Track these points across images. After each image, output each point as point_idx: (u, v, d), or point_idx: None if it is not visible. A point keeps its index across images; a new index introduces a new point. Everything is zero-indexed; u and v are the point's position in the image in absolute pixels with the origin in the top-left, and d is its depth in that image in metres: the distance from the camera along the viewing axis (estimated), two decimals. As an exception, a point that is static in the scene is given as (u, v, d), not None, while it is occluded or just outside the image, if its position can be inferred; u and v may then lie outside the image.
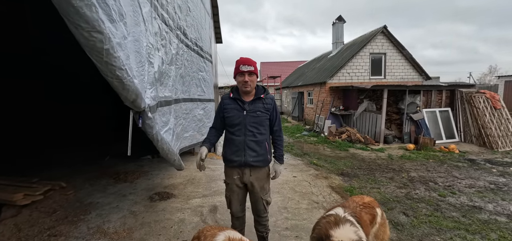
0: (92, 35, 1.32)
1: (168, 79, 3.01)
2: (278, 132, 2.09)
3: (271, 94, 2.04)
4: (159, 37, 2.36)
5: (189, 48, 3.78)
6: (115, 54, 1.48)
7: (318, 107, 10.98)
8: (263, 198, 2.04)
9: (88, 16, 1.24)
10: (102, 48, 1.40)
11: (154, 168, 4.87)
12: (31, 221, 2.91)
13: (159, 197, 3.54)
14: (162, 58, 2.46)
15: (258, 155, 1.95)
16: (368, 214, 1.67)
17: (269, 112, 2.00)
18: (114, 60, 1.50)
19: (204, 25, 4.85)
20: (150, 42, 2.09)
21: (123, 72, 1.64)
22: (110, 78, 1.64)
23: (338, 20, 13.18)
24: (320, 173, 5.05)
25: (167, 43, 2.69)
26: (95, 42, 1.35)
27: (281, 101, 18.67)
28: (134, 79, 1.79)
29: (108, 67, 1.50)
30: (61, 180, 3.88)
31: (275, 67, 30.67)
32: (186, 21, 3.53)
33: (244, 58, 1.94)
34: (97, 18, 1.29)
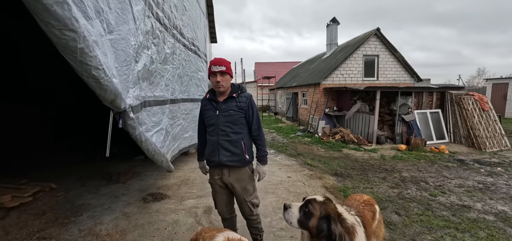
0: (64, 33, 1.26)
1: (160, 79, 2.98)
2: (257, 131, 1.99)
3: (247, 93, 1.99)
4: (150, 36, 2.33)
5: (186, 48, 3.75)
6: (90, 53, 1.43)
7: (312, 108, 11.06)
8: (246, 199, 1.99)
9: (59, 14, 1.19)
10: (75, 47, 1.35)
11: (147, 169, 4.81)
12: (20, 224, 2.83)
13: (152, 198, 3.49)
14: (151, 57, 2.43)
15: (233, 155, 1.90)
16: (370, 211, 1.69)
17: (243, 111, 1.92)
18: (89, 59, 1.45)
19: (200, 25, 4.83)
20: (139, 41, 2.05)
21: (100, 72, 1.60)
22: (86, 78, 1.59)
23: (332, 22, 13.32)
24: (314, 173, 5.09)
25: (161, 42, 2.66)
26: (68, 40, 1.29)
27: (276, 101, 18.72)
28: (113, 78, 1.75)
29: (83, 67, 1.45)
30: (51, 181, 3.79)
31: (269, 68, 30.75)
32: (182, 20, 3.51)
33: (217, 59, 1.90)
34: (69, 16, 1.24)
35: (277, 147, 7.71)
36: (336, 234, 1.23)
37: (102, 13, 1.57)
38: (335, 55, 12.40)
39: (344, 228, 1.27)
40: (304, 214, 1.36)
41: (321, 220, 1.30)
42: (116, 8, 1.69)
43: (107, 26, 1.62)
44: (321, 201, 1.36)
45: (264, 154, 2.02)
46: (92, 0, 1.44)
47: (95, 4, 1.48)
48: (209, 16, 7.37)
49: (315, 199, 1.37)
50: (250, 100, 1.97)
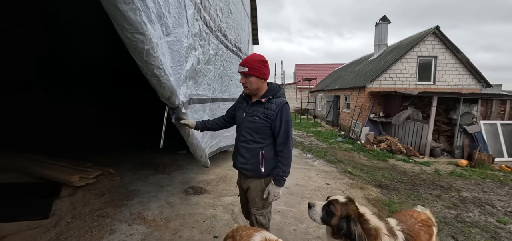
0: (135, 36, 1.42)
1: (204, 78, 3.13)
2: (282, 146, 1.68)
3: (281, 99, 1.72)
4: (198, 38, 2.46)
5: (228, 49, 3.88)
6: (154, 54, 1.59)
7: (356, 113, 10.43)
8: (252, 212, 1.83)
9: (132, 19, 1.34)
10: (143, 48, 1.50)
11: (189, 163, 5.12)
12: (84, 201, 3.28)
13: (193, 191, 3.70)
14: (198, 57, 2.57)
15: (247, 163, 1.77)
16: (426, 233, 1.52)
17: (269, 120, 1.68)
18: (153, 59, 1.61)
19: (244, 27, 4.95)
20: (189, 43, 2.19)
21: (160, 71, 1.75)
22: (149, 76, 1.75)
23: (382, 20, 12.35)
24: (355, 182, 4.78)
25: (206, 44, 2.80)
26: (137, 42, 1.45)
27: (315, 104, 18.17)
28: (170, 77, 1.91)
29: (147, 66, 1.61)
30: (110, 166, 4.29)
31: (309, 70, 30.02)
32: (227, 23, 3.64)
33: (245, 58, 1.75)
34: (140, 20, 1.39)
35: (316, 152, 7.46)
36: (356, 234, 1.28)
37: (163, 17, 1.74)
38: (384, 57, 11.48)
39: (365, 229, 1.29)
40: (326, 213, 1.43)
41: (342, 219, 1.36)
42: (174, 12, 1.84)
43: (165, 29, 1.78)
44: (343, 201, 1.42)
45: (282, 174, 1.69)
46: (156, 6, 1.59)
47: (158, 10, 1.64)
48: (252, 19, 7.50)
49: (337, 200, 1.44)
50: (281, 109, 1.68)
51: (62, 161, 4.04)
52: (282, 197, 3.75)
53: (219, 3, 3.24)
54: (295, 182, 4.48)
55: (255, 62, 1.70)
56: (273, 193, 1.73)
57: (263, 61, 1.73)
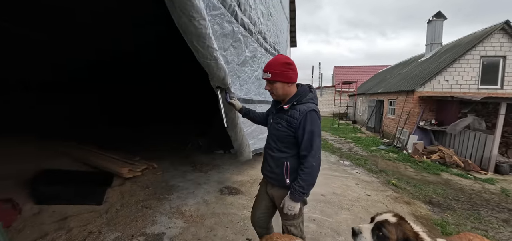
0: (200, 23, 1.50)
1: (236, 79, 3.17)
2: (305, 158, 1.50)
3: (307, 106, 1.54)
4: (230, 38, 2.50)
5: (267, 52, 3.88)
6: (212, 37, 1.67)
7: (402, 119, 9.55)
8: (283, 222, 1.73)
9: (198, 6, 1.43)
10: (206, 34, 1.58)
11: (225, 163, 5.25)
12: (131, 192, 3.58)
13: (228, 191, 3.77)
14: (227, 58, 2.60)
15: (272, 172, 1.68)
16: None
17: (293, 129, 1.54)
18: (212, 43, 1.69)
19: (283, 29, 4.90)
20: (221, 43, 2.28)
21: (217, 53, 1.83)
22: (208, 61, 1.83)
23: (436, 17, 11.10)
24: (400, 196, 4.36)
25: (242, 45, 2.83)
26: (202, 28, 1.53)
27: (355, 109, 17.17)
28: (222, 64, 2.00)
29: (208, 50, 1.68)
30: (154, 161, 4.63)
31: (349, 72, 28.56)
32: (266, 25, 3.64)
33: (268, 62, 1.62)
34: (203, 7, 1.48)
35: (355, 159, 7.02)
36: None
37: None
38: (438, 57, 10.31)
39: None
40: (378, 239, 1.21)
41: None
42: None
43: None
44: (395, 221, 1.20)
45: (298, 189, 1.51)
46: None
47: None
48: (290, 21, 7.42)
49: (387, 220, 1.21)
50: (306, 116, 1.51)
51: (114, 154, 4.49)
52: (318, 205, 3.60)
53: (260, 6, 3.25)
54: (332, 191, 4.27)
55: (279, 65, 1.56)
56: (287, 207, 1.58)
57: (288, 63, 1.57)
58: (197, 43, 1.63)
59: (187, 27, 1.51)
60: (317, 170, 1.53)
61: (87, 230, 2.62)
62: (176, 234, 2.64)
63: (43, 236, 2.47)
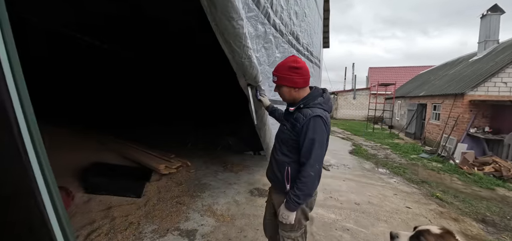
0: (238, 23, 1.53)
1: (266, 80, 3.15)
2: (303, 166, 1.43)
3: (312, 111, 1.43)
4: (262, 40, 2.49)
5: (299, 53, 3.81)
6: (248, 37, 1.70)
7: (448, 125, 8.66)
8: (280, 232, 1.63)
9: (236, 7, 1.46)
10: (243, 33, 1.61)
11: (255, 164, 5.27)
12: (166, 187, 3.77)
13: (258, 193, 3.77)
14: (259, 59, 2.58)
15: (275, 176, 1.61)
16: None
17: (295, 133, 1.47)
18: (248, 41, 1.72)
19: (317, 30, 4.78)
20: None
21: (252, 52, 1.88)
22: (243, 60, 1.87)
23: (492, 10, 9.87)
24: (446, 211, 3.94)
25: (272, 47, 2.81)
26: (240, 28, 1.57)
27: (393, 112, 16.03)
28: (255, 63, 2.03)
29: (244, 49, 1.72)
30: (187, 159, 4.83)
31: (386, 73, 26.88)
32: (300, 26, 3.57)
33: (276, 65, 1.59)
34: (241, 7, 1.51)
35: (392, 167, 6.54)
36: None
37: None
38: (493, 56, 9.15)
39: None
40: None
41: None
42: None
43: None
44: (438, 233, 1.12)
45: (293, 197, 1.43)
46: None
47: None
48: (324, 21, 7.19)
49: (429, 231, 1.14)
50: (309, 122, 1.41)
51: (151, 151, 4.78)
52: (352, 214, 3.42)
53: (295, 6, 3.20)
54: (367, 199, 4.02)
55: (285, 69, 1.50)
56: (281, 214, 1.52)
57: (295, 67, 1.48)
58: (234, 43, 1.65)
59: (226, 28, 1.54)
60: (315, 181, 1.45)
61: (128, 221, 2.81)
62: (208, 232, 2.71)
63: (91, 222, 2.72)
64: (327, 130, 1.46)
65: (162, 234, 2.64)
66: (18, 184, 0.64)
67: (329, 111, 1.51)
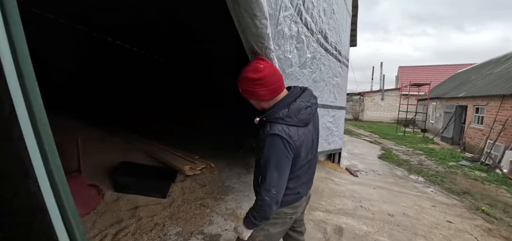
0: (262, 22, 1.40)
1: (295, 82, 3.00)
2: (260, 189, 1.27)
3: (271, 127, 1.22)
4: (295, 40, 2.33)
5: (327, 52, 3.61)
6: (271, 37, 1.56)
7: (494, 130, 7.81)
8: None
9: (261, 4, 1.33)
10: (266, 34, 1.47)
11: (279, 167, 5.12)
12: (191, 189, 3.77)
13: (282, 198, 3.64)
14: (291, 60, 2.43)
15: (254, 188, 1.46)
16: None
17: (258, 150, 1.28)
18: (270, 43, 1.57)
19: (345, 28, 4.53)
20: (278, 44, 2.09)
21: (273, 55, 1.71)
22: None
23: (549, 3, 8.71)
24: (495, 228, 3.49)
25: (304, 47, 2.64)
26: (263, 28, 1.44)
27: (426, 115, 14.91)
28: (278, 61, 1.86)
29: (266, 52, 1.57)
30: (211, 160, 4.83)
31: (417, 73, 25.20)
32: (328, 24, 3.38)
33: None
34: (265, 4, 1.37)
35: (428, 176, 6.02)
36: None
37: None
38: (550, 55, 8.08)
39: None
40: None
41: None
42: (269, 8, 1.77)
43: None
44: None
45: (251, 217, 1.30)
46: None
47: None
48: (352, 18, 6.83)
49: None
50: (265, 140, 1.22)
51: (176, 151, 4.86)
52: (386, 227, 3.15)
53: (323, 3, 3.02)
54: (401, 211, 3.70)
55: (245, 81, 1.27)
56: (236, 226, 1.39)
57: (253, 79, 1.24)
58: (255, 43, 1.52)
59: (248, 26, 1.41)
60: (272, 207, 1.25)
61: (153, 222, 2.83)
62: (231, 238, 2.64)
63: (119, 221, 2.78)
64: (289, 150, 1.22)
65: (186, 237, 2.62)
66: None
67: (299, 124, 1.26)
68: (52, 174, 0.60)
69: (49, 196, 0.60)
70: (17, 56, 0.50)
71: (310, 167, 1.43)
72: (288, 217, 1.46)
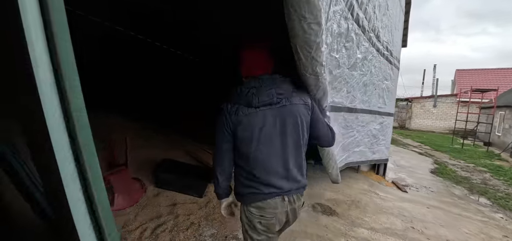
0: (312, 27, 1.22)
1: (344, 85, 2.73)
2: None
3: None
4: (343, 38, 2.09)
5: (379, 53, 3.27)
6: (321, 48, 1.34)
7: None
8: None
9: (316, 6, 1.15)
10: (314, 42, 1.27)
11: (316, 175, 4.85)
12: (226, 190, 3.75)
13: (321, 210, 3.39)
14: (339, 60, 2.18)
15: None
16: None
17: None
18: (319, 54, 1.35)
19: (398, 26, 4.09)
20: (326, 43, 1.83)
21: (322, 69, 1.48)
22: (308, 75, 1.49)
23: None
24: None
25: (354, 46, 2.38)
26: (311, 35, 1.25)
27: (492, 126, 12.87)
28: (327, 76, 1.63)
29: (312, 62, 1.36)
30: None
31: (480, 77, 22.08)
32: (382, 21, 3.04)
33: None
34: (320, 8, 1.18)
35: (496, 198, 5.11)
36: None
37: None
38: None
39: None
40: None
41: None
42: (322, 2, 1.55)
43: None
44: None
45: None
46: None
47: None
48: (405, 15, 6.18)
49: None
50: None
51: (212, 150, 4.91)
52: (445, 256, 2.69)
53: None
54: (464, 238, 3.16)
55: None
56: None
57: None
58: (301, 50, 1.33)
59: (294, 29, 1.23)
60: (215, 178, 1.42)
61: (189, 220, 2.86)
62: (266, 248, 2.51)
63: (158, 217, 2.87)
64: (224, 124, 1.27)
65: (221, 240, 2.57)
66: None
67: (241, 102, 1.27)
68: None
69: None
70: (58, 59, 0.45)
71: (280, 159, 1.28)
72: (256, 220, 1.32)
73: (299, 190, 1.37)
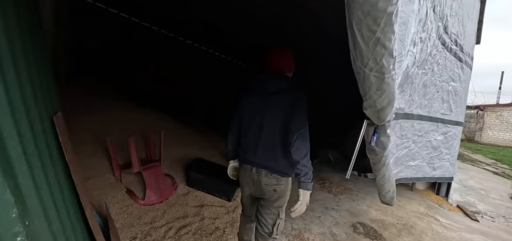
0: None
1: (409, 86, 2.23)
2: None
3: None
4: (421, 27, 1.63)
5: (445, 48, 2.66)
6: (394, 26, 0.93)
7: None
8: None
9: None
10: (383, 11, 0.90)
11: (360, 189, 4.28)
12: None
13: (363, 231, 2.90)
14: (415, 56, 1.72)
15: None
16: None
17: None
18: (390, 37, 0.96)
19: (472, 15, 3.33)
20: (416, 29, 1.40)
21: (391, 62, 1.06)
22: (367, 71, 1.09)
23: None
24: None
25: (427, 37, 1.89)
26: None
27: None
28: (397, 78, 1.19)
29: (375, 50, 0.99)
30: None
31: None
32: (451, 8, 2.45)
33: None
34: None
35: None
36: None
37: None
38: None
39: None
40: None
41: None
42: None
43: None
44: None
45: None
46: None
47: None
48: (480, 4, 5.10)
49: None
50: None
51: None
52: None
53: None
54: None
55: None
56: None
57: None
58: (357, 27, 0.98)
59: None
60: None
61: (214, 225, 2.72)
62: (295, 269, 2.20)
63: (184, 217, 2.80)
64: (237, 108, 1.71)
65: (245, 252, 2.35)
66: None
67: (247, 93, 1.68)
68: None
69: None
70: None
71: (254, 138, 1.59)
72: (241, 170, 1.77)
73: (267, 168, 1.59)
